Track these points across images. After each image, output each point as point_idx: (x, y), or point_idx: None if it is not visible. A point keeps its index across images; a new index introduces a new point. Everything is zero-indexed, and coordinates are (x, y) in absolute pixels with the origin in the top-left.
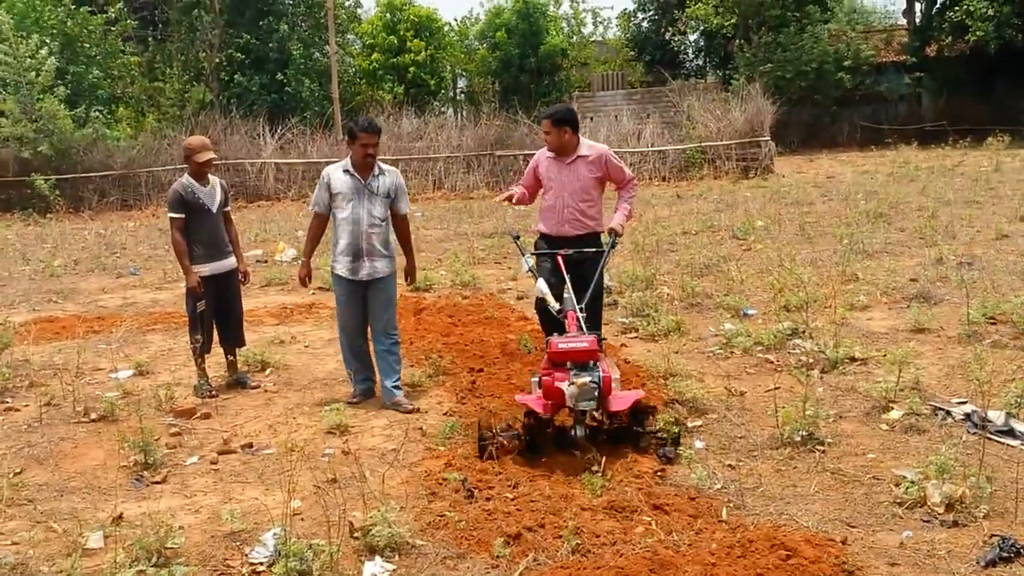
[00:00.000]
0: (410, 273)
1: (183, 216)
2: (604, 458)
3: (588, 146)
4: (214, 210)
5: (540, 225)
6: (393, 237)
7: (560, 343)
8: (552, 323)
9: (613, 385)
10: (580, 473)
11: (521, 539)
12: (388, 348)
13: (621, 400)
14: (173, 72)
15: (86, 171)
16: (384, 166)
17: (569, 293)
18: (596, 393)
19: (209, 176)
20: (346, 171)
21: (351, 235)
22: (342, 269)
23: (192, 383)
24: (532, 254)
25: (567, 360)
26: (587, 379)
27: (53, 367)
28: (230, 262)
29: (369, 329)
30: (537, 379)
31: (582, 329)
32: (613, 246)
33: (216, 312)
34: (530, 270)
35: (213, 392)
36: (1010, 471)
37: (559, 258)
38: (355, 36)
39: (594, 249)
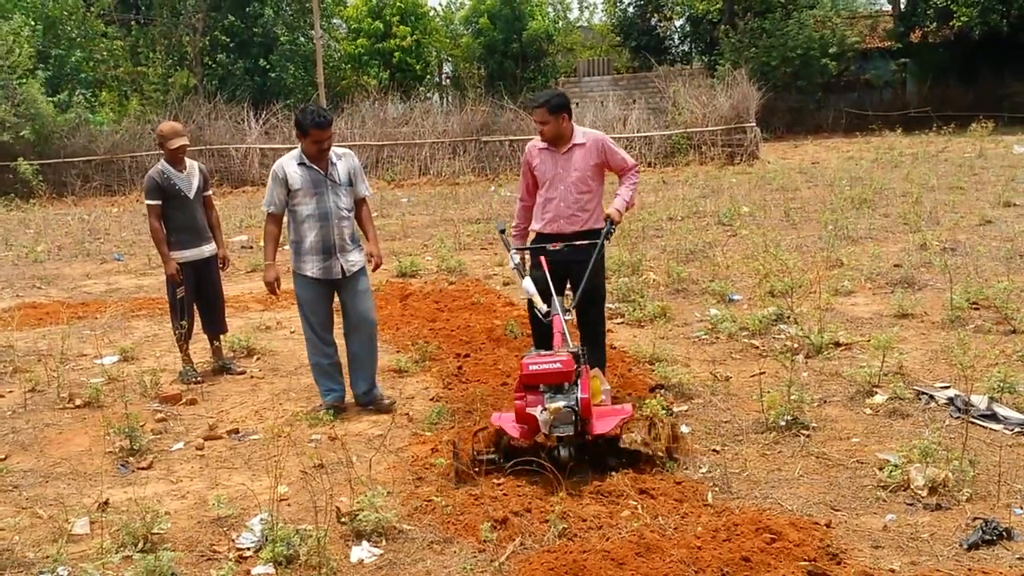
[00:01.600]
0: (374, 256)
1: (159, 203)
2: (590, 473)
3: (583, 133)
4: (191, 196)
5: (536, 224)
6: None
7: (531, 364)
8: (541, 332)
9: (602, 398)
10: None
11: (508, 523)
12: (365, 344)
13: (605, 421)
14: (156, 56)
15: (69, 156)
16: (338, 150)
17: (555, 296)
18: (573, 418)
19: (187, 161)
20: (301, 164)
21: (320, 232)
22: (312, 270)
23: (177, 369)
24: (517, 249)
25: (539, 383)
26: (561, 404)
27: (37, 353)
28: (210, 248)
29: (343, 329)
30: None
31: (566, 339)
32: (608, 235)
33: (197, 298)
34: (516, 267)
35: (199, 378)
36: (992, 455)
37: (541, 258)
38: (340, 21)
39: (586, 241)
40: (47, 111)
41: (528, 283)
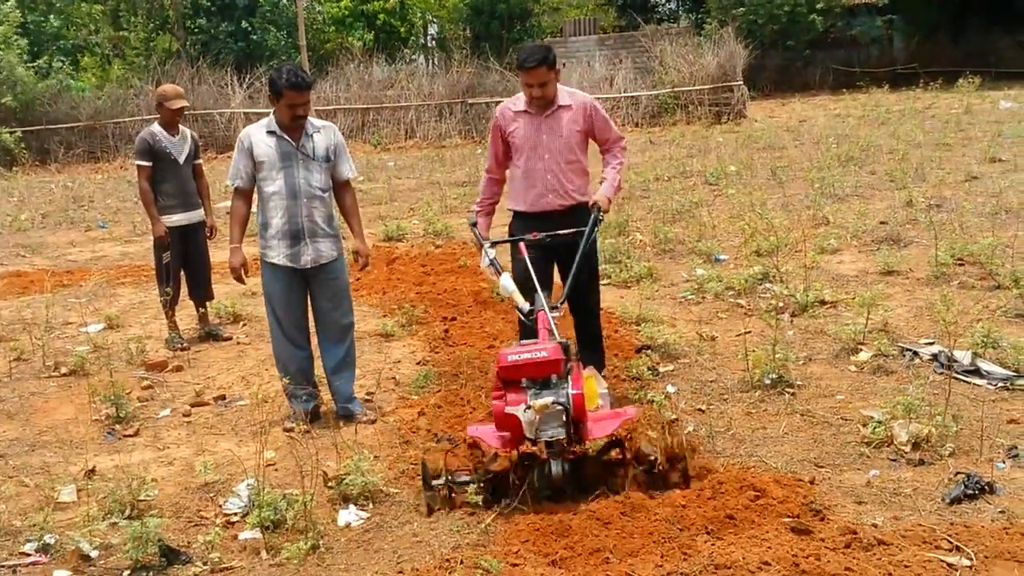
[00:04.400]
0: (361, 255)
1: (150, 164)
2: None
3: (568, 94)
4: (181, 161)
5: (512, 203)
6: (337, 212)
7: (510, 354)
8: (529, 335)
9: (600, 403)
10: None
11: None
12: (342, 359)
13: (602, 425)
14: (137, 20)
15: (51, 123)
16: (317, 122)
17: (539, 290)
18: (564, 418)
19: (180, 127)
20: (271, 132)
21: (287, 212)
22: (278, 256)
23: (163, 336)
24: (492, 243)
25: (521, 376)
26: (549, 399)
27: (22, 321)
28: (198, 214)
29: (315, 332)
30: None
31: (554, 334)
32: (596, 224)
33: (184, 265)
34: (492, 263)
35: (184, 344)
36: (976, 410)
37: (521, 246)
38: None
39: (572, 229)
40: (26, 78)
41: (507, 280)
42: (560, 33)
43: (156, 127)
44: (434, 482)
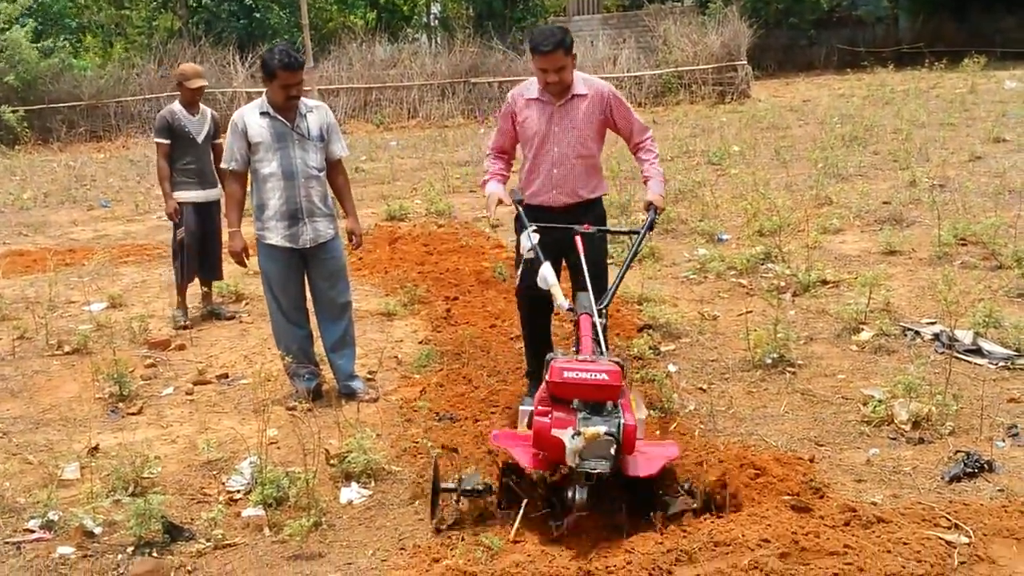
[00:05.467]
0: (355, 235)
1: (168, 142)
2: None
3: (583, 81)
4: (200, 140)
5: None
6: (330, 191)
7: (567, 369)
8: (538, 317)
9: (638, 437)
10: None
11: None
12: (341, 338)
13: (647, 463)
14: None
15: (53, 102)
16: (310, 102)
17: (589, 291)
18: (613, 450)
19: (201, 106)
20: (264, 113)
21: (285, 193)
22: (276, 237)
23: (166, 315)
24: (536, 228)
25: (574, 397)
26: (601, 429)
27: (25, 300)
28: (215, 193)
29: (313, 312)
30: (528, 406)
31: (600, 345)
32: (652, 226)
33: (197, 242)
34: (533, 249)
35: (187, 323)
36: (976, 389)
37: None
38: None
39: (626, 228)
40: (31, 57)
41: (548, 271)
42: (564, 12)
43: (176, 105)
44: (443, 489)
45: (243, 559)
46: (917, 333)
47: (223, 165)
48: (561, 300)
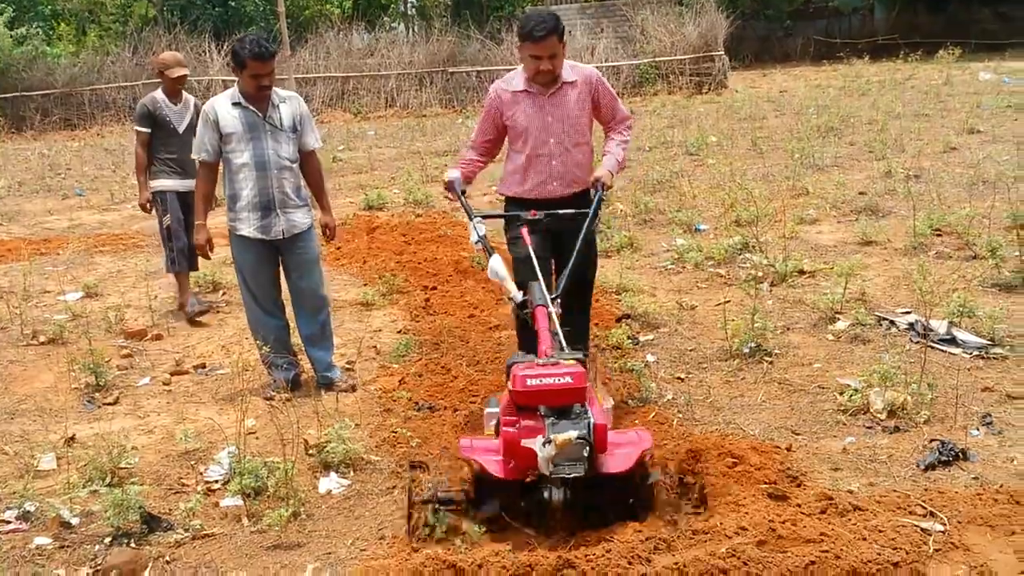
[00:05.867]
0: (329, 228)
1: (148, 131)
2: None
3: (571, 68)
4: (181, 130)
5: (506, 188)
6: (303, 183)
7: (529, 376)
8: (527, 329)
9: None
10: None
11: None
12: (319, 322)
13: (621, 458)
14: None
15: (26, 90)
16: (282, 92)
17: (540, 280)
18: (585, 452)
19: (184, 95)
20: (236, 104)
21: (257, 184)
22: (249, 228)
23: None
24: (482, 216)
25: (540, 403)
26: (572, 434)
27: None
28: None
29: (289, 304)
30: (493, 408)
31: (560, 339)
32: (600, 202)
33: (184, 228)
34: (481, 240)
35: (203, 308)
36: (951, 378)
37: (524, 231)
38: None
39: (572, 210)
40: (5, 44)
41: (497, 263)
42: (542, 2)
43: (159, 93)
44: (417, 500)
45: (221, 549)
46: (892, 323)
47: (193, 155)
48: (514, 292)
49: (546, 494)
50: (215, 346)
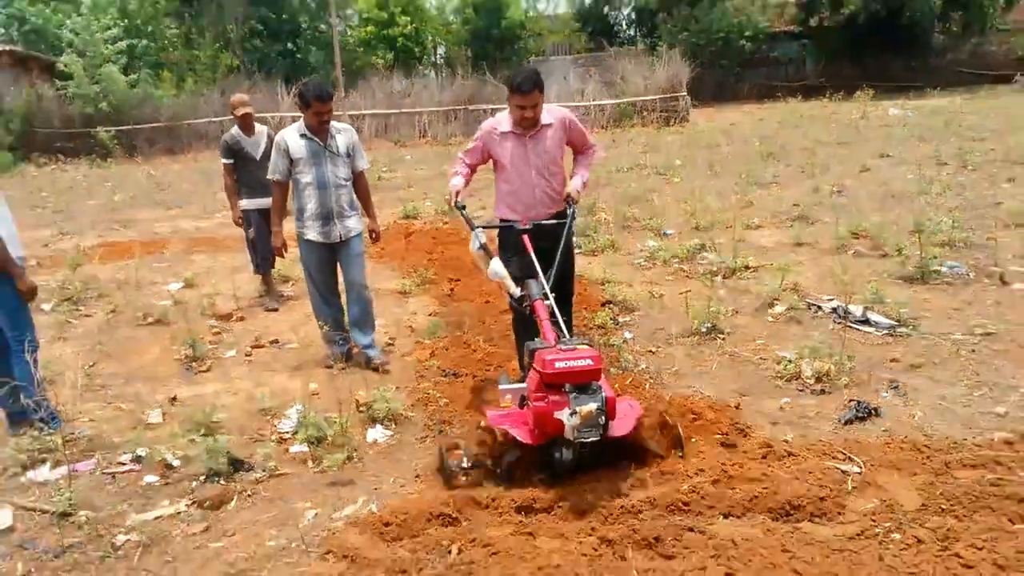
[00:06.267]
0: (374, 232)
1: (231, 161)
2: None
3: (547, 111)
4: (257, 157)
5: (501, 212)
6: (355, 197)
7: (557, 360)
8: (527, 327)
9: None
10: None
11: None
12: (363, 308)
13: (622, 422)
14: (205, 42)
15: (137, 123)
16: (338, 125)
17: (540, 277)
18: (602, 420)
19: (257, 127)
20: (303, 135)
21: (319, 199)
22: (313, 234)
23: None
24: (483, 228)
25: (566, 382)
26: (593, 406)
27: (116, 281)
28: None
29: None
30: (505, 384)
31: (557, 321)
32: (573, 216)
33: (264, 238)
34: (482, 247)
35: (276, 307)
36: (866, 351)
37: (525, 238)
38: (353, 11)
39: (553, 221)
40: (121, 87)
41: (497, 264)
42: (543, 53)
43: (235, 130)
44: (450, 466)
45: (291, 485)
46: (819, 307)
47: (268, 175)
48: (512, 289)
49: (556, 454)
50: (286, 326)
